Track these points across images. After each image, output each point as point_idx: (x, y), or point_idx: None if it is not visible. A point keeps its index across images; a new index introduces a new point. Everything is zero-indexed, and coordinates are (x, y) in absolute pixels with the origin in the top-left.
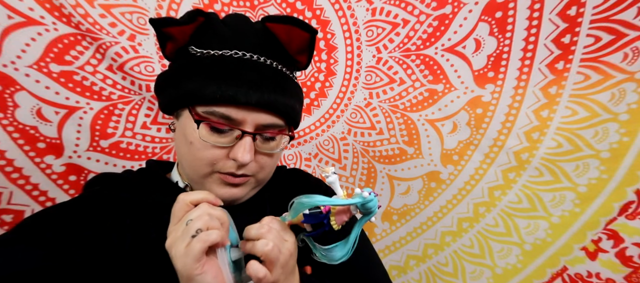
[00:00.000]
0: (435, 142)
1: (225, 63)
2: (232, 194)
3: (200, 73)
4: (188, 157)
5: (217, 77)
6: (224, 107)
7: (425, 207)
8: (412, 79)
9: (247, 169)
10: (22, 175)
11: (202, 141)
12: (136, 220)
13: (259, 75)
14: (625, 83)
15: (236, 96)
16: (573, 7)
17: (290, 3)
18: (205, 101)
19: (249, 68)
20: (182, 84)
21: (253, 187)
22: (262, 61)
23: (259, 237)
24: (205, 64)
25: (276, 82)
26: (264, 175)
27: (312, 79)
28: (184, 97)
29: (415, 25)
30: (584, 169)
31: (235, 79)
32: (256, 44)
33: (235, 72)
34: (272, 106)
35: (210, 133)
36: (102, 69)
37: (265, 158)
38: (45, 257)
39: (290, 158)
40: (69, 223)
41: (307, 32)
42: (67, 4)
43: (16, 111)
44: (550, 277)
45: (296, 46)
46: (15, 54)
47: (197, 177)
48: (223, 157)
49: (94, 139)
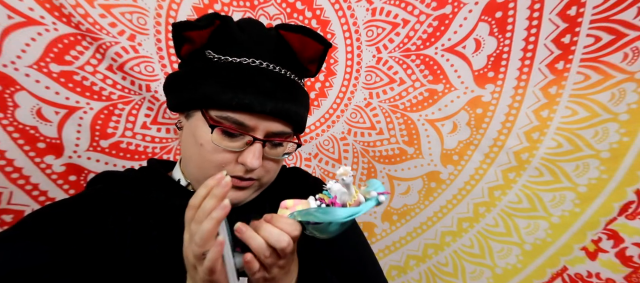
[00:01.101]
0: (435, 142)
1: (242, 71)
2: (237, 197)
3: (217, 78)
4: (197, 159)
5: (234, 84)
6: (238, 114)
7: (425, 207)
8: (412, 79)
9: (254, 173)
10: (22, 175)
11: (213, 144)
12: (138, 218)
13: (273, 85)
14: (625, 83)
15: (252, 105)
16: (573, 7)
17: (290, 3)
18: (221, 106)
19: (265, 77)
20: (199, 87)
21: (256, 190)
22: (276, 70)
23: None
24: (223, 70)
25: (289, 92)
26: (268, 179)
27: (312, 79)
28: (200, 100)
29: (415, 25)
30: (584, 169)
31: (251, 87)
32: (271, 52)
33: (252, 80)
34: (284, 115)
35: (222, 137)
36: (102, 69)
37: (271, 164)
38: (50, 253)
39: (290, 158)
40: (71, 220)
41: (322, 45)
42: (67, 4)
43: (16, 111)
44: (550, 277)
45: (309, 56)
46: (15, 54)
47: (203, 178)
48: (232, 161)
49: (94, 139)
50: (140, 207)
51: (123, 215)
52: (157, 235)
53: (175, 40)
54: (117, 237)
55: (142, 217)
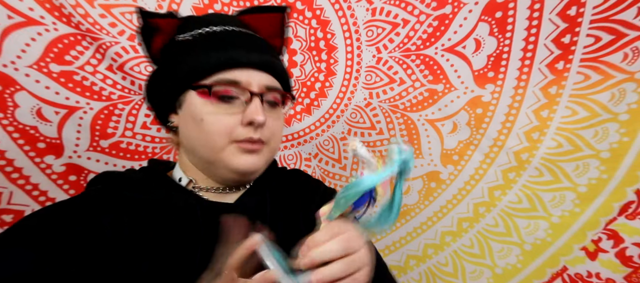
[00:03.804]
0: (435, 142)
1: (218, 36)
2: (252, 163)
3: (197, 49)
4: (201, 136)
5: (215, 47)
6: (228, 72)
7: (425, 207)
8: (412, 79)
9: (262, 133)
10: (22, 175)
11: (213, 114)
12: (136, 218)
13: (250, 42)
14: (625, 83)
15: (239, 57)
16: (573, 7)
17: (291, 3)
18: (209, 71)
19: (240, 38)
20: (182, 66)
21: (267, 157)
22: (250, 33)
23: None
24: (199, 41)
25: (266, 48)
26: (275, 144)
27: (312, 79)
28: (186, 77)
29: (415, 25)
30: (584, 169)
31: (231, 45)
32: (239, 24)
33: (230, 41)
34: (270, 67)
35: (220, 103)
36: (102, 69)
37: (274, 124)
38: (35, 261)
39: (290, 158)
40: (67, 222)
41: (277, 12)
42: (67, 4)
43: (16, 111)
44: (550, 277)
45: (269, 30)
46: (15, 54)
47: (213, 154)
48: (237, 124)
49: (94, 139)
50: (140, 207)
51: (122, 216)
52: (155, 236)
53: (145, 37)
54: (114, 237)
55: (141, 217)
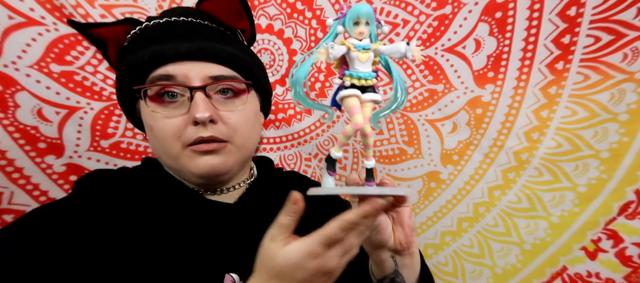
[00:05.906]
0: (435, 142)
1: (150, 32)
2: (212, 164)
3: (131, 49)
4: (157, 144)
5: (144, 44)
6: (160, 68)
7: (425, 207)
8: (412, 79)
9: (215, 130)
10: (23, 175)
11: (160, 119)
12: (134, 220)
13: (190, 30)
14: (625, 83)
15: (164, 51)
16: (573, 7)
17: (290, 3)
18: (140, 71)
19: (182, 26)
20: (120, 71)
21: (235, 157)
22: (197, 22)
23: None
24: (134, 40)
25: (211, 34)
26: (242, 140)
27: (312, 79)
28: (124, 82)
29: (415, 25)
30: (583, 169)
31: (159, 39)
32: (190, 14)
33: (160, 33)
34: (210, 54)
35: (162, 106)
36: (103, 69)
37: (233, 117)
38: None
39: (290, 158)
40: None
41: None
42: (68, 5)
43: (17, 111)
44: (550, 277)
45: (231, 14)
46: (16, 54)
47: (171, 160)
48: (184, 125)
49: (95, 139)
50: (135, 206)
51: (114, 217)
52: (153, 236)
53: (100, 50)
54: (106, 239)
55: (139, 219)
